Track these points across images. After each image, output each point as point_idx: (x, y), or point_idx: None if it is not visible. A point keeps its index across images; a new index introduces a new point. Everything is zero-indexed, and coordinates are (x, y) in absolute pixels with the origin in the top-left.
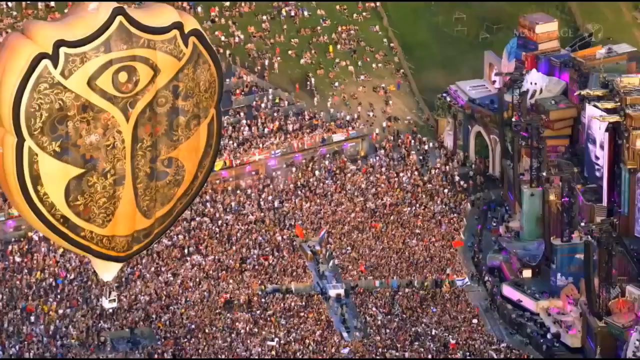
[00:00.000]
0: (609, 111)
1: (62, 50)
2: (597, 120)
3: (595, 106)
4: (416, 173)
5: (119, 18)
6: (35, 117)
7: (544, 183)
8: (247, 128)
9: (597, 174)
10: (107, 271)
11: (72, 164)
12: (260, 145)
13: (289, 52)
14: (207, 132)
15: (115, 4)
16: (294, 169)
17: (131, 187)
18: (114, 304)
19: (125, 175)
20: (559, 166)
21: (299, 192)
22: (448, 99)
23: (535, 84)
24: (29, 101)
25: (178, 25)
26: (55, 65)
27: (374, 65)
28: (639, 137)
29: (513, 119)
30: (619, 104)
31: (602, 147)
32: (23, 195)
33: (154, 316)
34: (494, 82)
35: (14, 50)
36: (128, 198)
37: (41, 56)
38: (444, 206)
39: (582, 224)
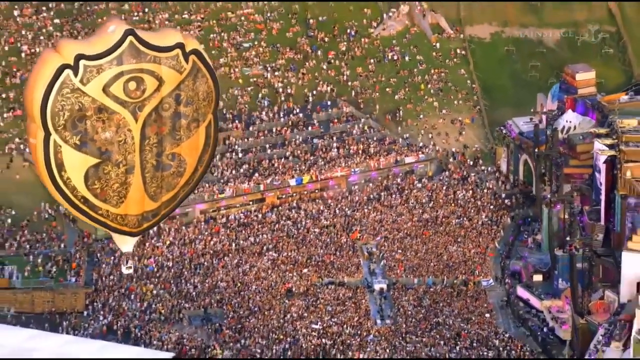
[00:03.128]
0: (609, 146)
1: (82, 62)
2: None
3: (598, 141)
4: (471, 192)
5: (130, 38)
6: (59, 115)
7: (550, 204)
8: (335, 150)
9: (601, 197)
10: (125, 244)
11: (90, 154)
12: (343, 164)
13: (387, 89)
14: (206, 134)
15: (127, 27)
16: (370, 185)
17: (140, 175)
18: (130, 270)
19: (135, 165)
20: (580, 190)
21: (370, 204)
22: (504, 131)
23: (570, 122)
24: (54, 102)
25: (180, 46)
26: (76, 74)
27: (455, 102)
28: (629, 169)
29: (536, 150)
30: (616, 140)
31: None
32: (50, 179)
33: (226, 299)
34: (531, 119)
35: (44, 62)
36: (137, 184)
37: (64, 66)
38: (487, 219)
39: (567, 238)
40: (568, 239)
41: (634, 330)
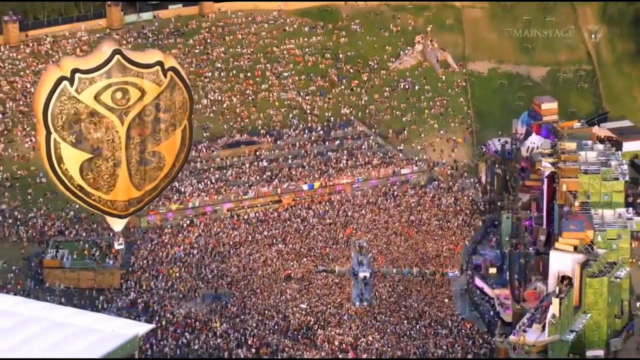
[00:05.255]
0: (551, 164)
1: (77, 75)
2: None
3: (543, 159)
4: (453, 199)
5: (117, 56)
6: (58, 118)
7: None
8: (345, 161)
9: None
10: (117, 225)
11: (84, 150)
12: (349, 173)
13: (396, 112)
14: (182, 136)
15: (116, 47)
16: (370, 191)
17: (126, 168)
18: (122, 246)
19: (121, 160)
20: (536, 200)
21: (368, 207)
22: (484, 149)
23: (534, 143)
24: (54, 107)
25: (160, 63)
26: (72, 85)
27: (452, 125)
28: (564, 183)
29: (496, 165)
30: (557, 159)
31: None
32: (51, 170)
33: (235, 282)
34: (499, 139)
35: (47, 74)
36: (124, 176)
37: (62, 78)
38: (462, 222)
39: (507, 238)
40: (507, 239)
41: (549, 315)
